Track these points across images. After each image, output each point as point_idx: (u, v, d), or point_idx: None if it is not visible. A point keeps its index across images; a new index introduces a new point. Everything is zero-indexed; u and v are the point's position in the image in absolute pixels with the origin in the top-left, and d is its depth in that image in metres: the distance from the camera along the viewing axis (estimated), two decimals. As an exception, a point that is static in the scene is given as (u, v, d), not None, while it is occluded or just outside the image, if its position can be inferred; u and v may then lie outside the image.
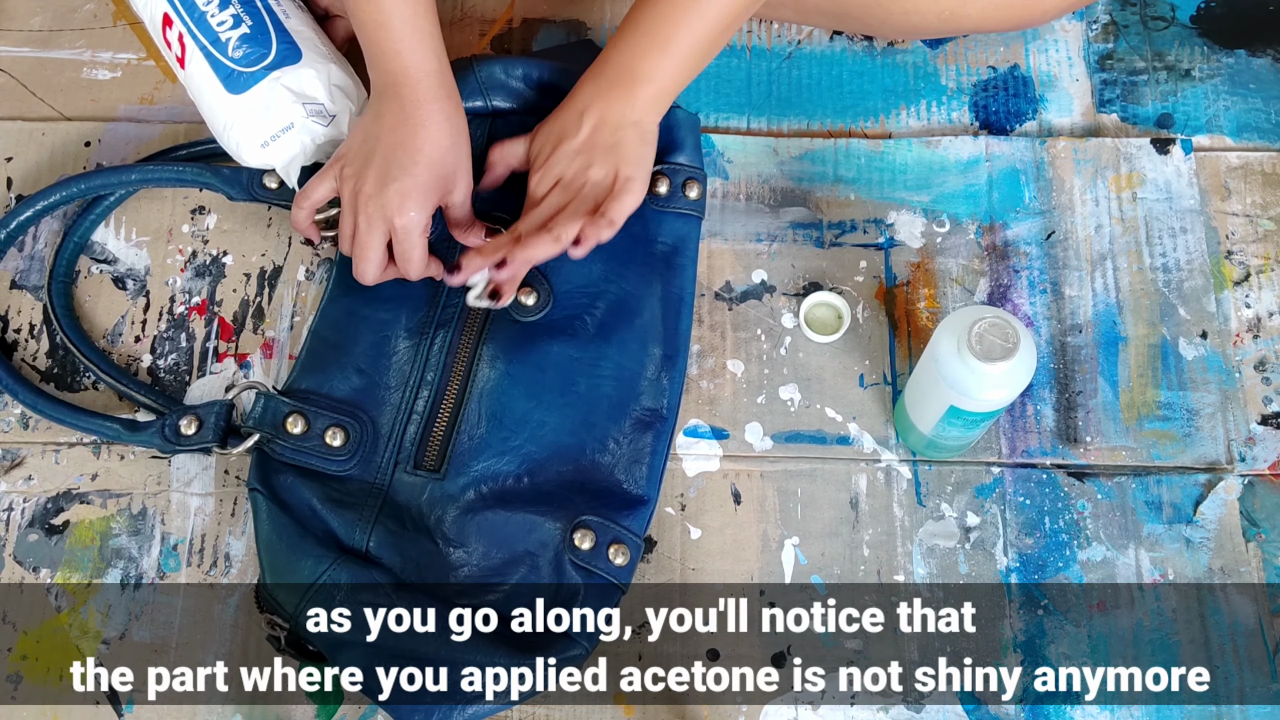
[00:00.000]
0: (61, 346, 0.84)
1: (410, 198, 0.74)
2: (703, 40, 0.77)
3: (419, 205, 0.75)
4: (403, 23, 0.74)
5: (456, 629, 0.70)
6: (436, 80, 0.75)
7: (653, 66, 0.77)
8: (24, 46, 0.94)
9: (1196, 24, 0.95)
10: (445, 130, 0.75)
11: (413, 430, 0.78)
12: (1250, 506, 0.80)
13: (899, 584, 0.78)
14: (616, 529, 0.74)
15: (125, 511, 0.80)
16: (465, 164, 0.78)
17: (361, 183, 0.75)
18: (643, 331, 0.80)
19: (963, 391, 0.69)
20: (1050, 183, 0.88)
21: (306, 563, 0.72)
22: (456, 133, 0.76)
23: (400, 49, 0.75)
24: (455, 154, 0.77)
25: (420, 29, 0.75)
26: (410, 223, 0.75)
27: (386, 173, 0.75)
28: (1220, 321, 0.84)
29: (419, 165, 0.74)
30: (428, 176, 0.75)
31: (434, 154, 0.75)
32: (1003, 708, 0.75)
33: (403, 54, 0.75)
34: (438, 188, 0.76)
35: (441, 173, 0.76)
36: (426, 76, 0.75)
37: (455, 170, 0.77)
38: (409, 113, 0.75)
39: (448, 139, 0.76)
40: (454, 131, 0.76)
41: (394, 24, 0.74)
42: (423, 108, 0.75)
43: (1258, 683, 0.75)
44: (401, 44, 0.74)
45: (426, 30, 0.75)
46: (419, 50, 0.75)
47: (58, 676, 0.76)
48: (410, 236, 0.75)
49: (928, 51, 0.94)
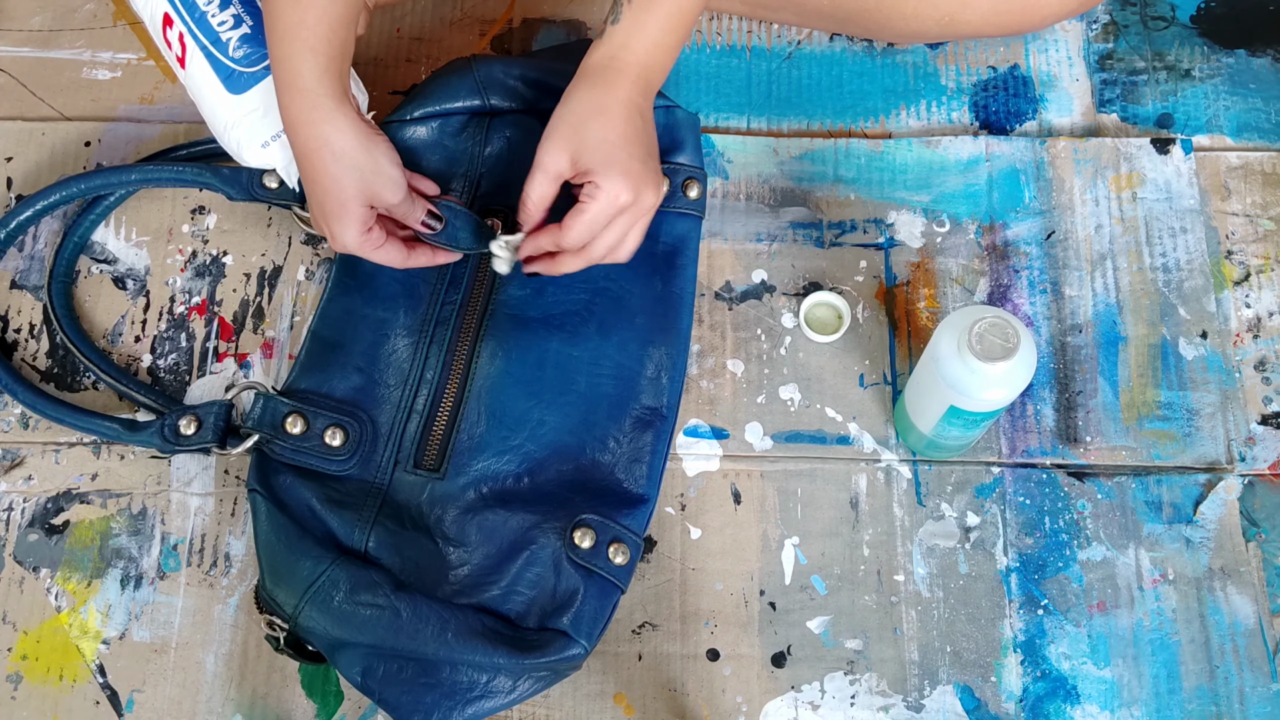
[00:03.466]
0: (61, 346, 0.84)
1: (330, 221, 0.73)
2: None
3: (339, 225, 0.73)
4: (286, 28, 0.69)
5: (456, 628, 0.70)
6: (309, 99, 0.70)
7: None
8: (24, 46, 0.94)
9: (1196, 24, 0.95)
10: (325, 155, 0.71)
11: (412, 429, 0.78)
12: (1250, 506, 0.80)
13: (899, 584, 0.78)
14: (616, 528, 0.74)
15: (125, 511, 0.80)
16: (370, 177, 0.72)
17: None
18: (643, 330, 0.81)
19: (963, 391, 0.69)
20: (1050, 183, 0.88)
21: (306, 563, 0.72)
22: (341, 153, 0.71)
23: (280, 57, 0.70)
24: (352, 174, 0.71)
25: (302, 38, 0.69)
26: (342, 244, 0.74)
27: (310, 202, 0.75)
28: (1220, 321, 0.84)
29: (315, 194, 0.73)
30: (331, 202, 0.72)
31: (323, 180, 0.72)
32: (1003, 707, 0.75)
33: (281, 63, 0.70)
34: (349, 206, 0.72)
35: (346, 195, 0.72)
36: (302, 94, 0.70)
37: (363, 187, 0.72)
38: (294, 137, 0.72)
39: (333, 162, 0.71)
40: (336, 154, 0.71)
41: (278, 28, 0.70)
42: (300, 132, 0.71)
43: (1258, 683, 0.75)
44: (282, 51, 0.70)
45: (309, 41, 0.69)
46: (294, 61, 0.70)
47: (58, 676, 0.76)
48: (358, 252, 0.75)
49: (928, 52, 0.94)
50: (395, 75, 0.93)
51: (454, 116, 0.85)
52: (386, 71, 0.93)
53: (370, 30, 0.94)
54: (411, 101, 0.85)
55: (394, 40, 0.95)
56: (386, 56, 0.94)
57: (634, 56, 0.73)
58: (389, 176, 0.73)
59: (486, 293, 0.81)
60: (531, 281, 0.81)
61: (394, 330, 0.80)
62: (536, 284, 0.81)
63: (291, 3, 0.70)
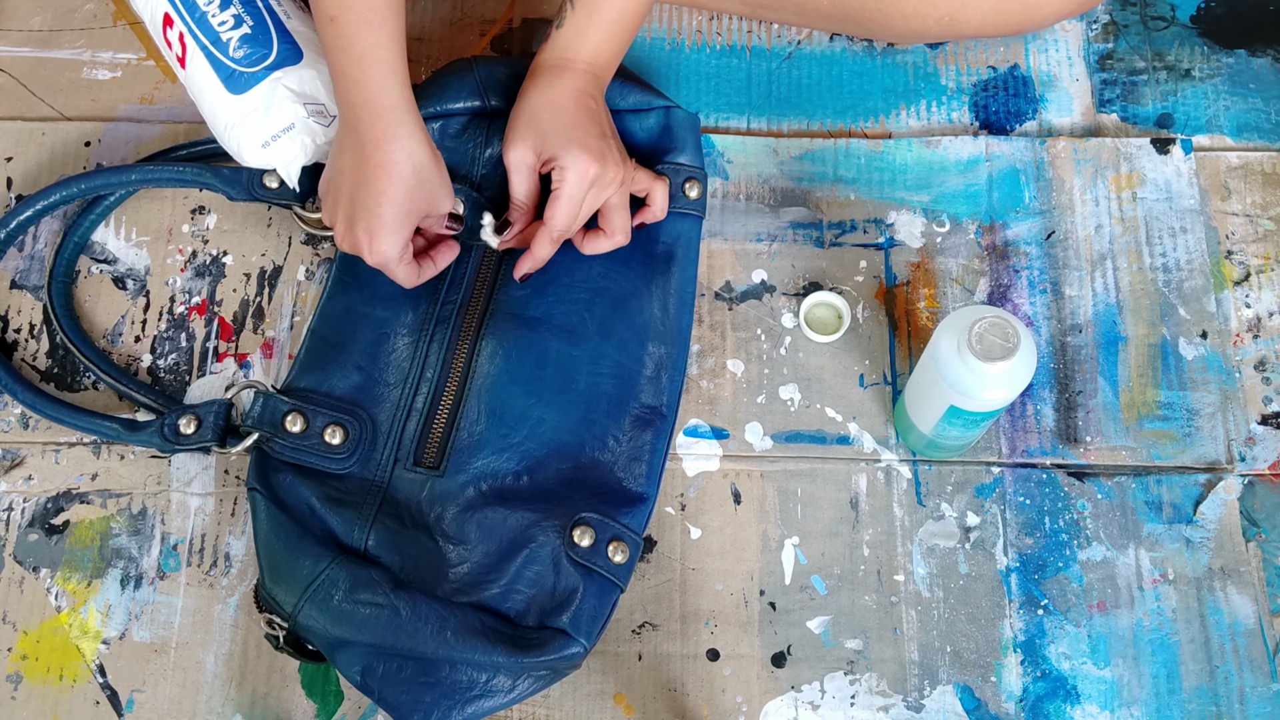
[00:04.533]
0: (61, 346, 0.84)
1: (376, 235, 0.74)
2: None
3: (388, 241, 0.74)
4: (364, 50, 0.70)
5: (455, 627, 0.70)
6: (394, 116, 0.72)
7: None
8: (24, 46, 0.94)
9: (1196, 24, 0.95)
10: (405, 169, 0.73)
11: (412, 427, 0.78)
12: (1250, 506, 0.80)
13: (899, 584, 0.78)
14: (616, 526, 0.74)
15: (125, 511, 0.80)
16: (436, 189, 0.75)
17: (335, 219, 0.76)
18: (643, 330, 0.81)
19: (963, 391, 0.69)
20: (1050, 183, 0.88)
21: (305, 562, 0.72)
22: (419, 166, 0.73)
23: (360, 78, 0.71)
24: (422, 187, 0.74)
25: (381, 59, 0.71)
26: (382, 257, 0.75)
27: (353, 213, 0.75)
28: (1220, 321, 0.84)
29: (381, 206, 0.73)
30: (393, 215, 0.73)
31: (396, 194, 0.73)
32: (1003, 707, 0.75)
33: (361, 84, 0.71)
34: (405, 221, 0.74)
35: (408, 208, 0.74)
36: (385, 111, 0.71)
37: (426, 200, 0.75)
38: (368, 152, 0.72)
39: (410, 177, 0.73)
40: (415, 167, 0.73)
41: (354, 50, 0.70)
42: (381, 148, 0.72)
43: (1258, 683, 0.75)
44: (362, 73, 0.71)
45: (387, 60, 0.71)
46: (377, 81, 0.71)
47: (58, 676, 0.76)
48: (386, 267, 0.76)
49: (928, 51, 0.94)
50: (395, 75, 0.93)
51: (454, 117, 0.85)
52: (386, 72, 0.93)
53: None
54: (412, 102, 0.85)
55: (394, 40, 0.95)
56: (387, 57, 0.94)
57: (579, 56, 0.79)
58: (450, 188, 0.77)
59: (487, 292, 0.81)
60: (532, 281, 0.81)
61: (394, 329, 0.80)
62: (537, 283, 0.81)
63: (363, 26, 0.70)
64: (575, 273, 0.81)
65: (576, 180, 0.76)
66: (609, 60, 0.80)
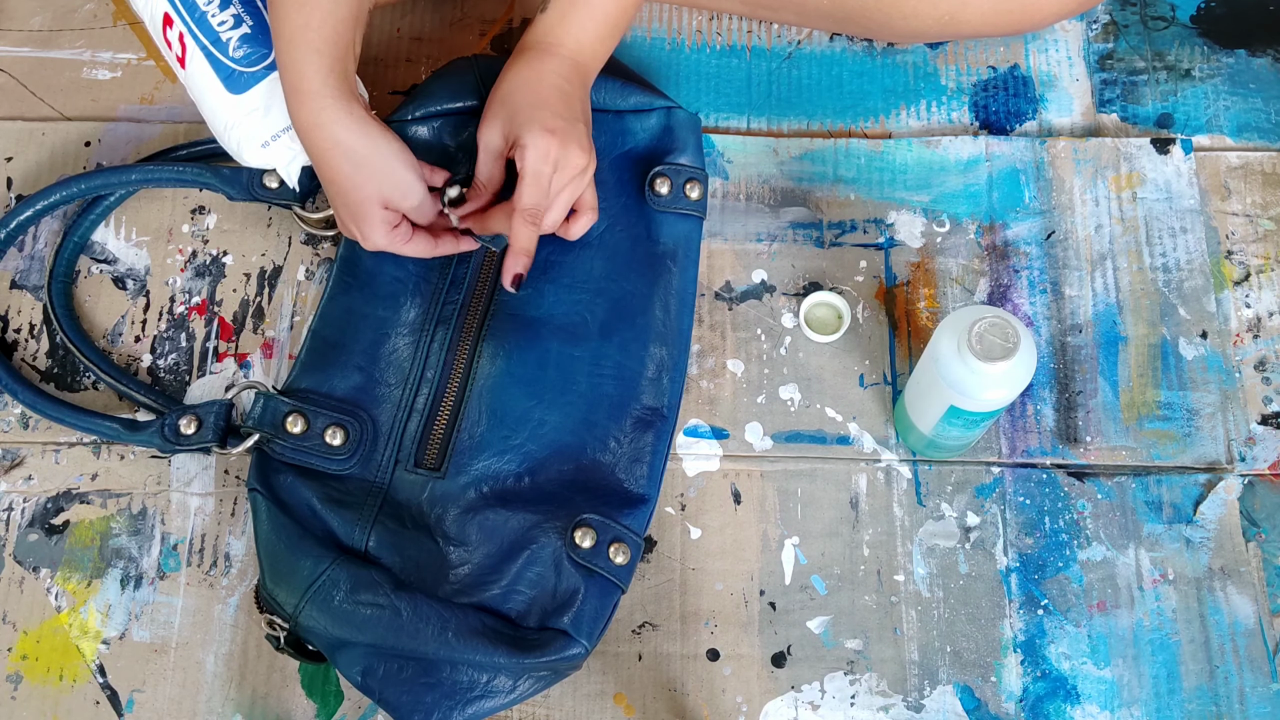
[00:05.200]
0: (61, 346, 0.84)
1: (353, 226, 0.75)
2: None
3: (367, 225, 0.75)
4: (292, 32, 0.69)
5: (456, 628, 0.70)
6: (316, 102, 0.70)
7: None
8: (24, 46, 0.94)
9: (1196, 24, 0.95)
10: (334, 156, 0.71)
11: (413, 428, 0.78)
12: (1250, 506, 0.80)
13: (899, 584, 0.78)
14: (617, 528, 0.74)
15: (125, 511, 0.80)
16: (387, 174, 0.74)
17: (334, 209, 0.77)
18: (643, 331, 0.81)
19: (963, 391, 0.69)
20: (1050, 183, 0.88)
21: (306, 562, 0.72)
22: (350, 151, 0.72)
23: (285, 61, 0.70)
24: (362, 172, 0.72)
25: (307, 41, 0.69)
26: (377, 243, 0.76)
27: (333, 201, 0.76)
28: (1220, 321, 0.84)
29: (336, 199, 0.74)
30: (355, 198, 0.73)
31: (341, 181, 0.73)
32: (1003, 707, 0.75)
33: (287, 68, 0.70)
34: (370, 205, 0.74)
35: (365, 193, 0.73)
36: (309, 97, 0.70)
37: (379, 184, 0.73)
38: (310, 142, 0.72)
39: (344, 162, 0.72)
40: (345, 153, 0.71)
41: (284, 32, 0.70)
42: (310, 134, 0.71)
43: (1258, 683, 0.75)
44: (288, 56, 0.70)
45: (313, 43, 0.69)
46: (298, 65, 0.69)
47: (58, 676, 0.76)
48: (392, 248, 0.77)
49: (928, 51, 0.94)
50: (395, 75, 0.93)
51: (455, 117, 0.85)
52: (386, 71, 0.93)
53: (370, 30, 0.94)
54: (412, 102, 0.85)
55: (394, 40, 0.95)
56: (386, 56, 0.94)
57: (561, 42, 0.77)
58: (401, 179, 0.74)
59: (488, 293, 0.81)
60: (532, 282, 0.81)
61: (395, 329, 0.80)
62: (538, 285, 0.81)
63: (296, 6, 0.70)
64: (576, 273, 0.81)
65: (537, 157, 0.73)
66: (593, 48, 0.79)
